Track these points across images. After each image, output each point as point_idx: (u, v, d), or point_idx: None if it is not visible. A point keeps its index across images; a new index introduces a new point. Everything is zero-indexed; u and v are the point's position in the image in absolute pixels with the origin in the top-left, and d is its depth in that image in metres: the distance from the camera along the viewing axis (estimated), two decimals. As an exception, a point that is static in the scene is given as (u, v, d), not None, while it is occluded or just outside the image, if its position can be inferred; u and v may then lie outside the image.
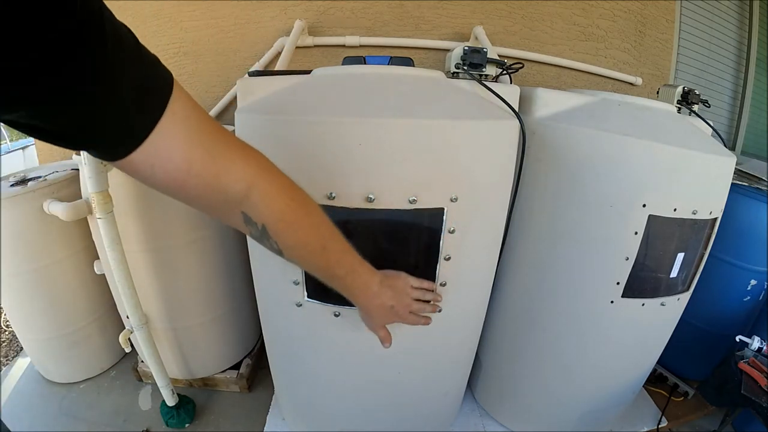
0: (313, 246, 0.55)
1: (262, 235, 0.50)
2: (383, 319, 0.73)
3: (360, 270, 0.65)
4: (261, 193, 0.46)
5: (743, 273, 1.35)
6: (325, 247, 0.57)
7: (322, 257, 0.57)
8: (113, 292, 1.29)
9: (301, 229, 0.52)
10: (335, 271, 0.60)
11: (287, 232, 0.51)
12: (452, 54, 0.92)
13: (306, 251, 0.55)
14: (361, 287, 0.66)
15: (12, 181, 1.28)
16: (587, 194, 0.92)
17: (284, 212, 0.50)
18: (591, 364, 1.10)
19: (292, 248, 0.53)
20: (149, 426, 1.37)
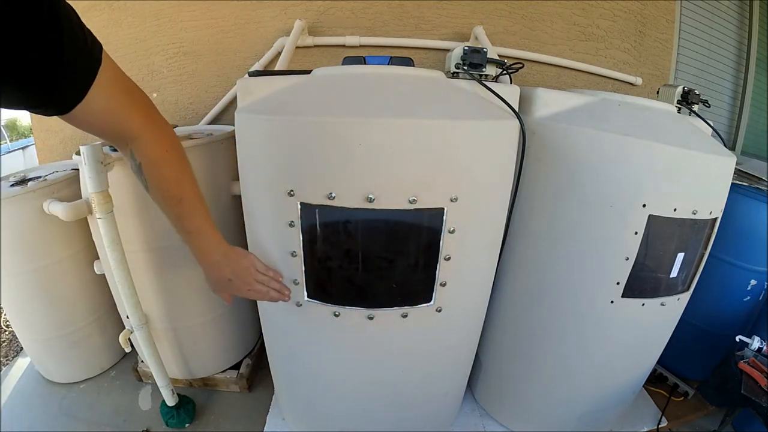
0: (173, 193, 0.68)
1: (138, 170, 0.65)
2: (220, 287, 0.84)
3: (207, 235, 0.75)
4: (145, 141, 0.62)
5: (743, 273, 1.35)
6: (182, 200, 0.70)
7: (177, 207, 0.70)
8: (113, 292, 1.29)
9: (166, 177, 0.67)
10: (185, 224, 0.72)
11: (155, 173, 0.65)
12: (452, 54, 0.92)
13: (166, 195, 0.68)
14: (205, 251, 0.77)
15: (12, 181, 1.28)
16: (587, 194, 0.92)
17: (158, 159, 0.64)
18: (591, 364, 1.10)
19: (155, 189, 0.67)
20: (149, 426, 1.37)
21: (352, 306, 0.85)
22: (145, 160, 0.63)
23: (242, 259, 0.83)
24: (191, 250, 0.77)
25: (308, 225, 0.78)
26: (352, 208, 0.75)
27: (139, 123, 0.60)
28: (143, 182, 0.67)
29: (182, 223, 0.72)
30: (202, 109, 1.81)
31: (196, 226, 0.74)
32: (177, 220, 0.72)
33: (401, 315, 0.87)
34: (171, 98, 1.80)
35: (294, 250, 0.81)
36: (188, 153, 1.14)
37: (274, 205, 0.80)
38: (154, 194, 0.68)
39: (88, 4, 1.66)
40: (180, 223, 0.72)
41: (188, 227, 0.73)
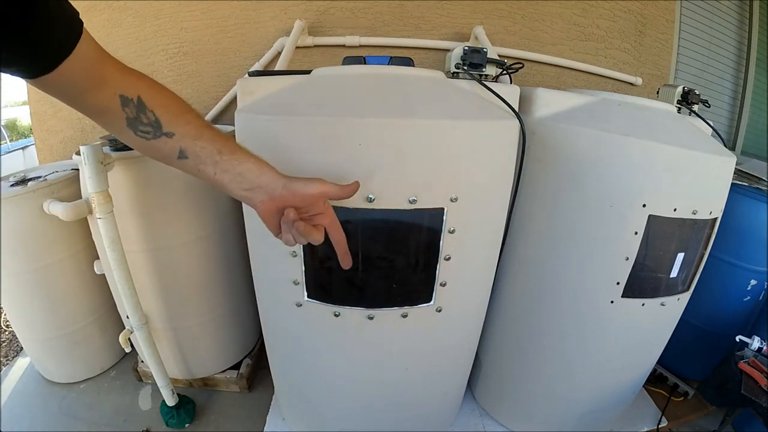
0: (185, 106, 0.59)
1: (138, 109, 0.55)
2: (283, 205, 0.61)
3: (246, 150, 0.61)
4: (129, 77, 0.55)
5: (743, 273, 1.35)
6: (197, 112, 0.60)
7: (200, 118, 0.60)
8: (113, 292, 1.29)
9: (167, 93, 0.58)
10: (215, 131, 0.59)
11: (161, 94, 0.57)
12: (452, 54, 0.92)
13: (181, 110, 0.58)
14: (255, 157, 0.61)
15: (12, 181, 1.28)
16: (587, 194, 0.92)
17: (151, 84, 0.57)
18: (591, 364, 1.10)
19: (168, 107, 0.57)
20: (149, 426, 1.37)
21: (352, 306, 0.85)
22: (141, 89, 0.56)
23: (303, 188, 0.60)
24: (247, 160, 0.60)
25: (308, 225, 0.78)
26: (352, 208, 0.75)
27: (116, 64, 0.55)
28: (150, 119, 0.56)
29: (213, 129, 0.60)
30: (202, 109, 1.81)
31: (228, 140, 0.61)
32: (210, 129, 0.60)
33: (401, 315, 0.87)
34: (171, 98, 1.80)
35: (294, 250, 0.81)
36: (188, 153, 1.17)
37: (274, 205, 0.79)
38: (170, 118, 0.57)
39: (88, 4, 1.66)
40: (212, 129, 0.60)
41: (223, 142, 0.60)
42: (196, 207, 1.22)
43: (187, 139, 0.58)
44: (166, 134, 0.57)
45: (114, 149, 1.13)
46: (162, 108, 0.57)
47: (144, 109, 0.56)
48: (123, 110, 0.55)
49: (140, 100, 0.55)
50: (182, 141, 0.58)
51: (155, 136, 0.57)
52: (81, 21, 0.49)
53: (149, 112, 0.56)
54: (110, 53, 0.54)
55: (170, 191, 1.16)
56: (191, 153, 0.59)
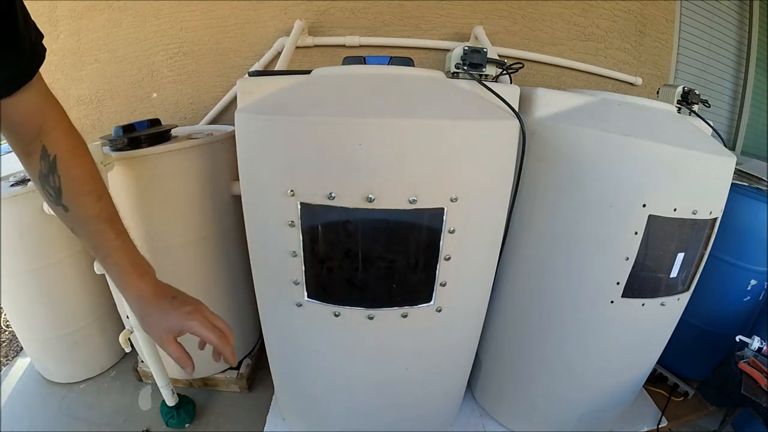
0: (91, 187, 0.58)
1: (50, 168, 0.55)
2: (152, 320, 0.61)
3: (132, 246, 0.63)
4: (63, 131, 0.56)
5: (743, 273, 1.35)
6: (101, 197, 0.59)
7: (97, 205, 0.58)
8: (113, 292, 1.29)
9: (84, 168, 0.58)
10: (106, 227, 0.59)
11: (72, 164, 0.57)
12: (452, 54, 0.92)
13: (83, 190, 0.57)
14: (133, 261, 0.62)
15: (12, 181, 1.28)
16: (587, 194, 0.92)
17: (75, 148, 0.57)
18: (591, 364, 1.10)
19: (73, 183, 0.56)
20: (149, 426, 1.37)
21: (352, 306, 0.85)
22: (61, 150, 0.55)
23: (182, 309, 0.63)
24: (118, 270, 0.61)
25: (308, 225, 0.78)
26: (352, 208, 0.75)
27: (59, 112, 0.56)
28: (55, 184, 0.56)
29: (102, 225, 0.59)
30: (202, 109, 1.81)
31: (120, 229, 0.61)
32: (98, 223, 0.58)
33: (401, 315, 0.87)
34: (171, 98, 1.80)
35: (294, 250, 0.81)
36: (188, 153, 1.17)
37: (274, 205, 0.80)
38: (70, 193, 0.56)
39: (88, 4, 1.66)
40: (99, 225, 0.59)
41: (114, 230, 0.60)
42: (196, 207, 1.22)
43: (75, 223, 0.58)
44: (63, 206, 0.57)
45: (114, 149, 1.13)
46: (67, 179, 0.56)
47: (54, 171, 0.55)
48: (40, 161, 0.55)
49: (54, 160, 0.55)
50: (72, 221, 0.58)
51: (56, 202, 0.57)
52: (44, 47, 0.50)
53: (57, 176, 0.55)
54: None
55: (170, 191, 1.16)
56: (78, 236, 0.60)
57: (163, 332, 0.59)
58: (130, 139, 1.13)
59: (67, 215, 0.58)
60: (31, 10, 0.49)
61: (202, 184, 1.21)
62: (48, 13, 1.67)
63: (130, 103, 1.80)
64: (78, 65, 1.73)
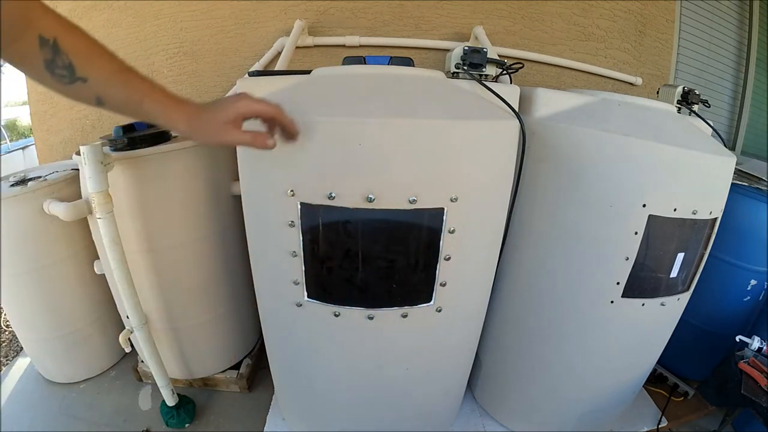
0: (98, 50, 0.57)
1: (54, 51, 0.55)
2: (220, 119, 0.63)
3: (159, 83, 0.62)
4: (50, 18, 0.54)
5: (743, 273, 1.35)
6: (111, 55, 0.58)
7: (113, 62, 0.58)
8: (113, 292, 1.29)
9: (85, 37, 0.57)
10: (131, 75, 0.59)
11: (74, 38, 0.56)
12: (452, 54, 0.92)
13: (93, 54, 0.57)
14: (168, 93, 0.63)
15: (12, 181, 1.28)
16: (587, 194, 0.92)
17: (68, 26, 0.56)
18: (591, 364, 1.10)
19: (83, 51, 0.56)
20: (149, 426, 1.37)
21: (352, 306, 0.85)
22: (59, 32, 0.55)
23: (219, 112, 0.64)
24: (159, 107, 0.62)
25: (308, 225, 0.78)
26: (352, 208, 0.75)
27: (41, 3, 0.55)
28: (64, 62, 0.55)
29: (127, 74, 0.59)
30: (203, 109, 1.81)
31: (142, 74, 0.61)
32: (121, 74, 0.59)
33: (401, 315, 0.87)
34: (171, 98, 1.79)
35: (294, 250, 0.81)
36: (188, 153, 1.17)
37: (274, 205, 0.80)
38: (83, 62, 0.56)
39: (89, 4, 1.66)
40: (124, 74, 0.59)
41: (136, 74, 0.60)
42: (196, 207, 1.22)
43: (99, 86, 0.58)
44: (80, 79, 0.57)
45: (114, 149, 1.13)
46: (75, 53, 0.56)
47: (59, 52, 0.55)
48: (41, 51, 0.54)
49: (56, 42, 0.54)
50: (96, 87, 0.58)
51: (71, 80, 0.57)
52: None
53: (64, 55, 0.55)
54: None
55: (170, 191, 1.16)
56: (107, 98, 0.59)
57: (222, 127, 0.62)
58: (130, 139, 1.13)
59: (88, 85, 0.57)
60: None
61: (202, 184, 1.21)
62: (48, 13, 1.67)
63: (130, 103, 1.80)
64: (78, 65, 1.73)
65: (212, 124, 0.63)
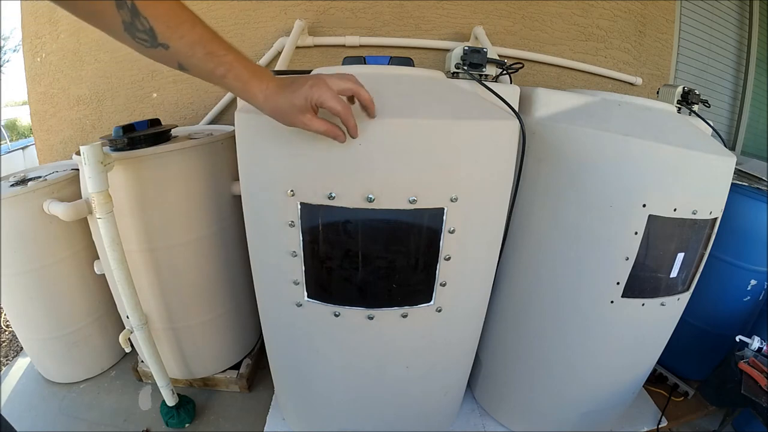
0: (182, 16, 0.54)
1: (132, 14, 0.51)
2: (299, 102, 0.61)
3: (243, 55, 0.60)
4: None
5: (743, 273, 1.35)
6: (194, 21, 0.56)
7: (195, 30, 0.55)
8: (113, 292, 1.29)
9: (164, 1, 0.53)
10: (214, 47, 0.57)
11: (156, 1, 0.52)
12: (452, 54, 0.92)
13: (176, 21, 0.54)
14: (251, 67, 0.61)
15: (12, 181, 1.28)
16: (587, 194, 0.92)
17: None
18: (591, 364, 1.10)
19: (162, 18, 0.53)
20: (149, 426, 1.37)
21: (352, 306, 0.85)
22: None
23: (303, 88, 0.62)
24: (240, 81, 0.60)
25: (308, 225, 0.78)
26: (352, 208, 0.75)
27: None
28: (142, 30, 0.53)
29: (210, 45, 0.57)
30: (202, 109, 1.81)
31: (226, 44, 0.59)
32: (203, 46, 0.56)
33: (401, 315, 0.87)
34: (171, 98, 1.80)
35: (294, 250, 0.81)
36: (188, 153, 1.17)
37: (274, 205, 0.80)
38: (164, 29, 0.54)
39: (88, 4, 1.66)
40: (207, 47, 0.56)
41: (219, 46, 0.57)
42: (196, 207, 1.22)
43: (181, 55, 0.56)
44: (162, 45, 0.55)
45: (114, 149, 1.13)
46: (156, 17, 0.53)
47: (138, 15, 0.52)
48: (118, 12, 0.51)
49: (134, 5, 0.51)
50: (178, 56, 0.56)
51: (152, 45, 0.55)
52: None
53: (143, 19, 0.52)
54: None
55: (170, 191, 1.16)
56: (189, 67, 0.58)
57: (299, 114, 0.62)
58: (130, 139, 1.13)
59: (170, 52, 0.56)
60: (32, 10, 0.49)
61: (202, 184, 1.21)
62: (48, 14, 1.67)
63: (130, 103, 1.80)
64: (78, 65, 1.73)
65: (287, 108, 0.62)
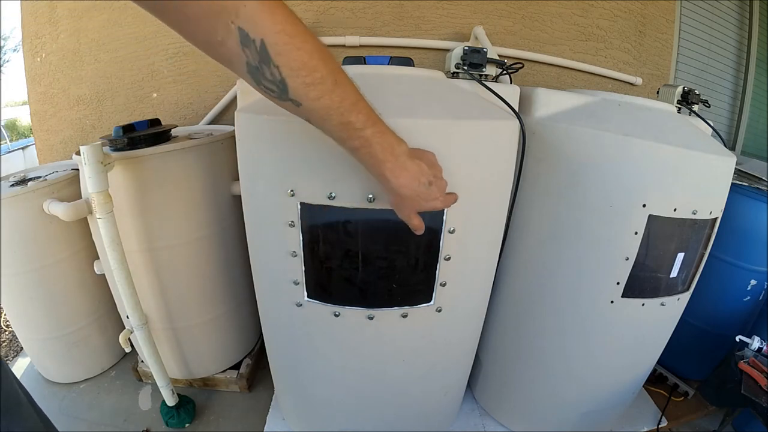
0: (322, 72, 0.45)
1: (261, 58, 0.42)
2: (417, 199, 0.61)
3: (382, 127, 0.54)
4: (255, 3, 0.40)
5: (743, 273, 1.35)
6: (337, 80, 0.47)
7: (335, 92, 0.47)
8: (113, 292, 1.29)
9: (305, 46, 0.43)
10: (352, 117, 0.50)
11: (290, 47, 0.42)
12: (452, 54, 0.92)
13: (314, 78, 0.45)
14: (387, 148, 0.55)
15: (12, 181, 1.28)
16: (587, 194, 0.92)
17: (285, 22, 0.42)
18: (591, 364, 1.10)
19: (298, 72, 0.44)
20: (149, 426, 1.37)
21: (352, 306, 0.85)
22: (270, 31, 0.41)
23: (425, 153, 0.62)
24: (369, 159, 0.55)
25: (308, 225, 0.78)
26: (352, 208, 0.75)
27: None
28: (275, 77, 0.44)
29: (349, 117, 0.50)
30: (202, 109, 1.81)
31: (366, 115, 0.52)
32: (341, 116, 0.49)
33: (401, 315, 0.87)
34: (171, 98, 1.80)
35: (294, 250, 0.81)
36: (188, 153, 1.17)
37: (274, 205, 0.80)
38: (297, 82, 0.45)
39: (89, 4, 1.66)
40: (346, 118, 0.50)
41: (358, 120, 0.51)
42: (196, 207, 1.22)
43: (313, 116, 0.50)
44: (292, 101, 0.47)
45: (114, 149, 1.13)
46: (291, 69, 0.43)
47: (268, 61, 0.43)
48: (242, 50, 0.42)
49: (264, 46, 0.41)
50: (309, 115, 0.49)
51: (281, 98, 0.47)
52: None
53: (274, 68, 0.43)
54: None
55: (170, 191, 1.16)
56: (319, 128, 0.53)
57: (413, 214, 0.64)
58: (130, 139, 1.13)
59: (300, 110, 0.48)
60: (32, 10, 0.48)
61: (202, 184, 1.21)
62: (48, 13, 1.67)
63: (130, 103, 1.80)
64: (78, 65, 1.73)
65: (408, 208, 0.64)
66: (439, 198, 0.63)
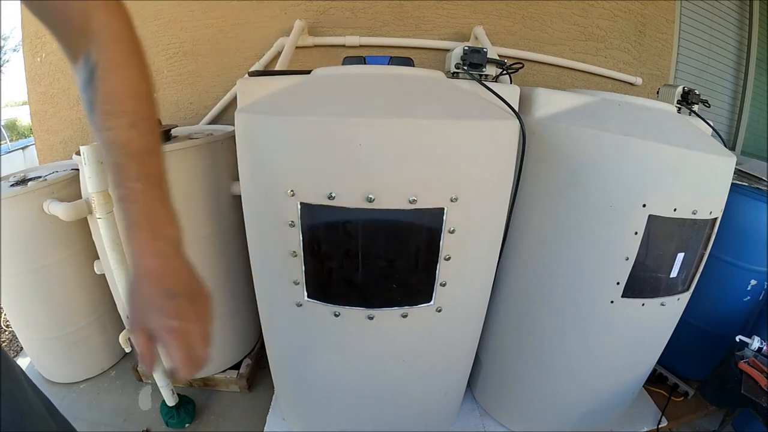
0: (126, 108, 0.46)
1: (89, 75, 0.46)
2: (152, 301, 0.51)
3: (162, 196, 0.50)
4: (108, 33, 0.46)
5: (743, 273, 1.35)
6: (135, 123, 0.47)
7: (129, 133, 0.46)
8: (113, 292, 1.29)
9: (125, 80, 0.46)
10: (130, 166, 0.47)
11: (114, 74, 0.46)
12: (452, 54, 0.92)
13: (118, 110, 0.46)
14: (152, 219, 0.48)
15: (12, 181, 1.28)
16: (587, 194, 0.92)
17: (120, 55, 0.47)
18: (591, 364, 1.10)
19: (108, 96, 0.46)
20: (149, 426, 1.37)
21: (352, 306, 0.85)
22: (104, 57, 0.45)
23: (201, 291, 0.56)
24: (128, 219, 0.48)
25: (308, 225, 0.78)
26: (352, 208, 0.75)
27: (113, 6, 0.46)
28: (86, 98, 0.46)
29: (129, 161, 0.47)
30: (202, 109, 1.81)
31: (153, 171, 0.49)
32: (122, 155, 0.46)
33: (401, 315, 0.87)
34: (171, 98, 1.80)
35: (294, 250, 0.81)
36: (188, 153, 1.17)
37: (274, 205, 0.80)
38: (99, 111, 0.46)
39: (88, 4, 1.66)
40: (124, 162, 0.47)
41: (140, 169, 0.48)
42: (196, 207, 1.22)
43: (102, 146, 0.48)
44: (92, 123, 0.48)
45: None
46: (102, 93, 0.46)
47: (91, 80, 0.46)
48: (83, 66, 0.46)
49: (94, 68, 0.45)
50: (100, 144, 0.48)
51: (89, 117, 0.47)
52: None
53: (92, 87, 0.46)
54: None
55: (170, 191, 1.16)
56: (105, 164, 0.52)
57: (137, 326, 0.51)
58: (130, 139, 1.13)
59: (96, 136, 0.47)
60: None
61: (202, 184, 1.21)
62: (48, 13, 1.67)
63: (130, 103, 1.80)
64: (78, 65, 1.73)
65: (136, 311, 0.53)
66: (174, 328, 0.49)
